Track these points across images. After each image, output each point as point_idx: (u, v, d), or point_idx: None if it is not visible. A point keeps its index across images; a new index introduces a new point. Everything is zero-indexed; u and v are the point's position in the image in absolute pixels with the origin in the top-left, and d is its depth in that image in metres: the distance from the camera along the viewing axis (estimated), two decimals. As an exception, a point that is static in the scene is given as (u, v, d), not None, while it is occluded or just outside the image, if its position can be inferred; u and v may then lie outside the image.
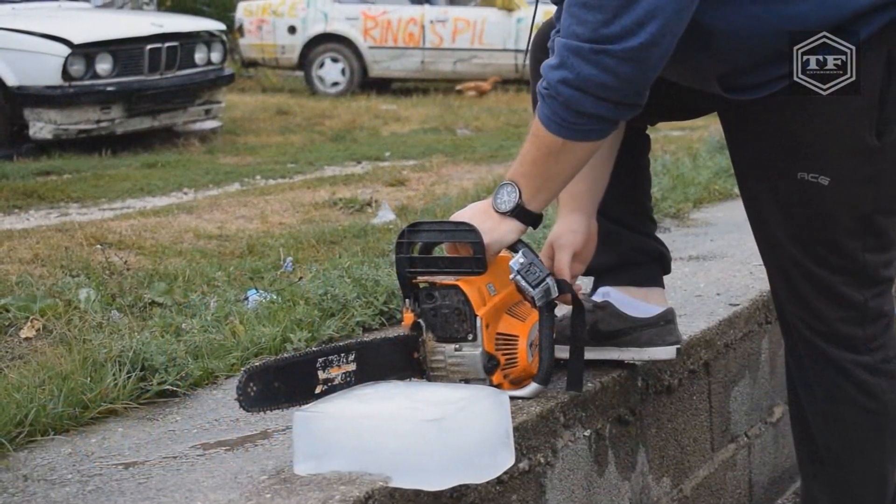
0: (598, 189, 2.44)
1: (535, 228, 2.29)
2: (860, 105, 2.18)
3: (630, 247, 2.53)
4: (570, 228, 2.41)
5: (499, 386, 2.26)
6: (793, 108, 2.21)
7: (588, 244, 2.44)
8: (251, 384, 2.01)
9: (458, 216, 2.29)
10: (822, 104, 2.18)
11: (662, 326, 2.52)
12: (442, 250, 2.37)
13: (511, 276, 2.24)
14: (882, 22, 2.14)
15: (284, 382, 2.06)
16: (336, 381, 2.12)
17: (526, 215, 2.23)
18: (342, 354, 2.14)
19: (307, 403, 2.08)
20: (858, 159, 2.21)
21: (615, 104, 2.10)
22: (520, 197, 2.21)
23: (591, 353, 2.44)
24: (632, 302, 2.51)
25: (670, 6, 2.03)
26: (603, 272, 2.56)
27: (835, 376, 2.38)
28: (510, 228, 2.23)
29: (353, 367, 2.15)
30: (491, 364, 2.25)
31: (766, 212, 2.34)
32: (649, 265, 2.56)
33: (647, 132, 2.60)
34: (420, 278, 2.29)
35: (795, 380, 2.49)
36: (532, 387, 2.31)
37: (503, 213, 2.23)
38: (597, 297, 2.55)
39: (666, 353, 2.54)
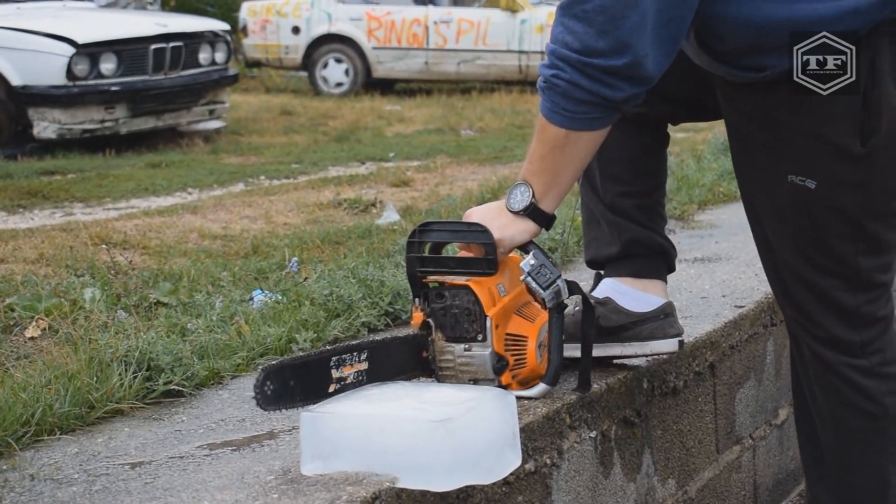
0: None
1: (547, 230, 2.30)
2: (844, 110, 2.17)
3: (631, 238, 2.54)
4: None
5: (507, 386, 2.26)
6: (783, 111, 2.21)
7: None
8: (268, 383, 2.01)
9: (470, 214, 2.30)
10: (810, 108, 2.18)
11: (662, 320, 2.53)
12: (448, 250, 2.37)
13: (522, 278, 2.25)
14: (879, 18, 2.13)
15: (300, 381, 2.06)
16: (349, 380, 2.13)
17: (539, 215, 2.24)
18: (355, 353, 2.14)
19: (322, 402, 2.08)
20: (843, 164, 2.20)
21: (611, 99, 2.14)
22: (532, 196, 2.22)
23: (594, 350, 2.45)
24: (631, 293, 2.52)
25: (653, 23, 2.07)
26: (605, 263, 2.59)
27: (832, 379, 2.38)
28: (524, 228, 2.24)
29: (365, 365, 2.15)
30: (500, 364, 2.26)
31: (762, 215, 2.35)
32: (650, 257, 2.56)
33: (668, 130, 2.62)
34: (430, 278, 2.29)
35: (802, 381, 2.49)
36: (540, 387, 2.31)
37: (516, 213, 2.24)
38: (598, 294, 2.56)
39: (669, 345, 2.54)
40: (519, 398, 2.23)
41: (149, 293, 3.48)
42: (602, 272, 2.61)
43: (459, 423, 1.95)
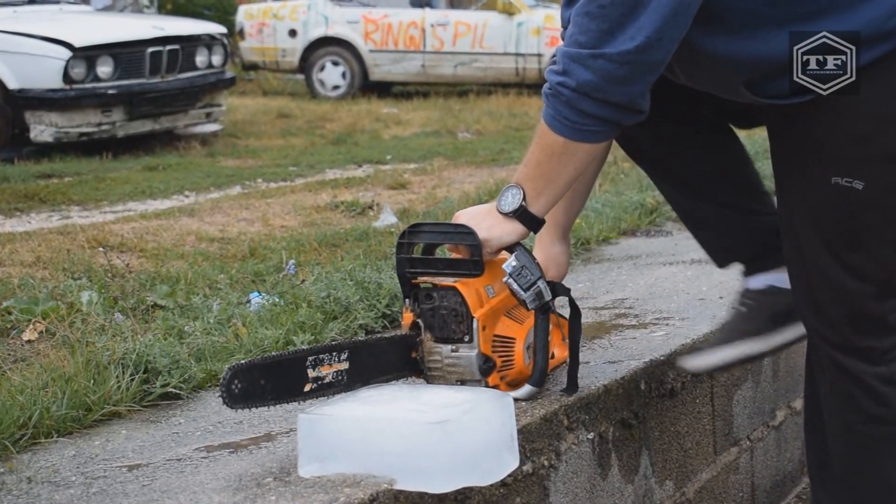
0: (574, 214, 2.56)
1: (535, 233, 2.30)
2: (892, 111, 2.17)
3: (768, 230, 2.53)
4: (556, 261, 2.51)
5: (495, 388, 2.27)
6: (826, 114, 2.20)
7: (565, 271, 2.55)
8: (235, 381, 2.01)
9: (461, 215, 2.31)
10: (855, 110, 2.18)
11: None
12: (445, 251, 2.38)
13: (504, 279, 2.26)
14: None
15: (271, 380, 2.06)
16: (327, 380, 2.12)
17: (528, 218, 2.25)
18: (334, 353, 2.14)
19: (295, 401, 2.09)
20: (893, 165, 2.20)
21: (614, 106, 2.14)
22: (523, 199, 2.22)
23: (777, 338, 2.52)
24: (784, 279, 2.49)
25: (668, 8, 2.06)
26: (749, 261, 2.59)
27: (849, 385, 2.35)
28: (511, 230, 2.25)
29: (345, 365, 2.15)
30: (487, 366, 2.26)
31: (797, 218, 2.32)
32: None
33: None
34: (420, 279, 2.30)
35: (817, 385, 2.47)
36: (526, 388, 2.32)
37: (506, 214, 2.25)
38: (755, 286, 2.57)
39: None
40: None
41: (146, 296, 3.48)
42: (748, 268, 2.61)
43: (457, 424, 1.95)
